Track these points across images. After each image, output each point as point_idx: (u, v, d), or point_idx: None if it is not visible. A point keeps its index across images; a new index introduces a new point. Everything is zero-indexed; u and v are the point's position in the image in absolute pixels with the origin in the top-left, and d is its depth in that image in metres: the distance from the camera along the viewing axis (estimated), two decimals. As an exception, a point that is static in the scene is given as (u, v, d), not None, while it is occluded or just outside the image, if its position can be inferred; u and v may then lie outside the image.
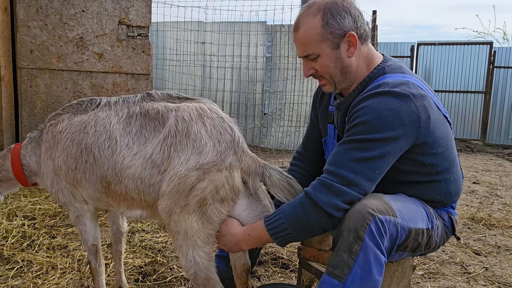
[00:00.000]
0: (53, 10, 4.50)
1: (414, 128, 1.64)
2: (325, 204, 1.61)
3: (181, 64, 8.74)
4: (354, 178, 1.60)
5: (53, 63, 4.56)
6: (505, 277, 2.94)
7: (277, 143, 8.40)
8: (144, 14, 4.54)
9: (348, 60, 1.76)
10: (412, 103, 1.63)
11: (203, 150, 1.75)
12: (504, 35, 14.50)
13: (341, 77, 1.78)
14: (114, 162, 1.88)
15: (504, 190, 5.73)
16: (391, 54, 10.94)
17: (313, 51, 1.74)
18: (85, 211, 2.10)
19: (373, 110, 1.62)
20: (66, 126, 2.02)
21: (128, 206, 1.96)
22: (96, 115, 1.99)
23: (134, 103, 1.96)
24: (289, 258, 3.04)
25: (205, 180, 1.72)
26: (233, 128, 1.83)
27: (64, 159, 2.00)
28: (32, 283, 2.56)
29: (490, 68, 10.28)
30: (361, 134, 1.62)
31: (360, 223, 1.55)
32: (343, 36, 1.72)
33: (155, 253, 3.04)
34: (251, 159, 1.80)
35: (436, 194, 1.82)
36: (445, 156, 1.78)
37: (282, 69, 8.27)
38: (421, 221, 1.75)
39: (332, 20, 1.70)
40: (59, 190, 2.07)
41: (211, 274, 1.81)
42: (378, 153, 1.61)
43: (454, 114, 10.66)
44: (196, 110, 1.84)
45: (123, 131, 1.91)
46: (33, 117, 4.72)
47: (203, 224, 1.76)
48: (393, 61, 1.83)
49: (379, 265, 1.57)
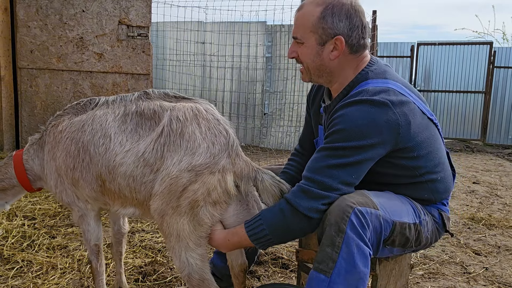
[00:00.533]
0: (53, 10, 4.49)
1: (392, 136, 1.65)
2: (305, 209, 1.64)
3: (181, 64, 8.74)
4: (331, 183, 1.63)
5: (53, 63, 4.56)
6: (505, 277, 2.94)
7: (277, 143, 8.40)
8: (144, 14, 4.54)
9: (328, 62, 1.78)
10: (390, 110, 1.64)
11: (196, 151, 1.73)
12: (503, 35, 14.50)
13: (318, 73, 1.82)
14: (107, 159, 1.88)
15: (504, 190, 5.73)
16: (391, 54, 10.93)
17: (301, 36, 1.77)
18: (89, 210, 2.10)
19: (350, 119, 1.64)
20: (66, 126, 2.03)
21: (122, 204, 1.97)
22: (94, 113, 1.99)
23: (131, 102, 1.95)
24: (289, 258, 3.04)
25: (197, 182, 1.71)
26: (228, 130, 1.82)
27: (64, 158, 2.01)
28: (32, 283, 2.56)
29: (490, 68, 10.28)
30: (337, 142, 1.65)
31: (340, 216, 1.57)
32: (332, 37, 1.74)
33: (155, 253, 3.04)
34: (244, 163, 1.78)
35: (423, 193, 1.84)
36: (429, 158, 1.79)
37: (282, 69, 8.27)
38: (407, 215, 1.76)
39: (329, 17, 1.72)
40: (62, 191, 2.08)
41: (206, 275, 1.80)
42: (354, 160, 1.63)
43: (454, 114, 10.67)
44: (192, 110, 1.82)
45: (118, 128, 1.90)
46: (33, 117, 4.72)
47: (195, 226, 1.75)
48: (378, 65, 1.83)
49: (363, 257, 1.58)
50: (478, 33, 14.56)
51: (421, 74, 10.90)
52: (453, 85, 10.69)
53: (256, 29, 8.36)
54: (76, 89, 4.74)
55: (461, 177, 6.35)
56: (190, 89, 8.69)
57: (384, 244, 1.71)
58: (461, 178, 6.27)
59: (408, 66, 10.82)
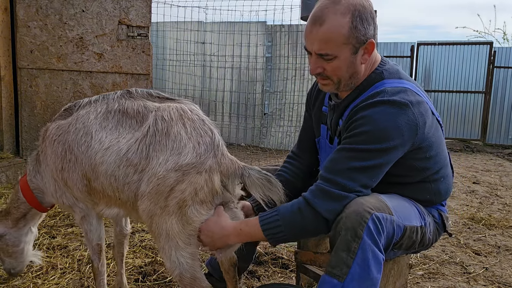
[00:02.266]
0: (53, 10, 4.49)
1: (411, 136, 1.65)
2: (324, 210, 1.62)
3: (181, 64, 8.74)
4: (353, 186, 1.62)
5: (53, 63, 4.56)
6: (505, 277, 2.94)
7: (277, 143, 8.40)
8: (144, 14, 4.54)
9: (360, 66, 1.74)
10: (410, 111, 1.63)
11: (182, 151, 1.73)
12: (504, 35, 14.50)
13: (349, 81, 1.76)
14: (89, 157, 1.88)
15: (504, 190, 5.73)
16: (391, 54, 10.93)
17: (332, 51, 1.67)
18: (91, 210, 2.10)
19: (374, 121, 1.63)
20: (54, 130, 2.04)
21: (106, 203, 1.96)
22: (78, 113, 2.00)
23: (113, 100, 1.95)
24: (289, 258, 3.03)
25: (184, 182, 1.71)
26: (213, 130, 1.82)
27: (53, 160, 2.02)
28: (32, 283, 2.56)
29: (490, 68, 10.28)
30: (360, 144, 1.63)
31: (357, 221, 1.55)
32: (364, 43, 1.69)
33: (155, 253, 3.04)
34: (230, 161, 1.78)
35: (426, 194, 1.84)
36: (437, 160, 1.80)
37: (282, 69, 8.27)
38: (415, 218, 1.77)
39: (361, 25, 1.65)
40: (62, 195, 2.08)
41: (197, 273, 1.80)
42: (375, 163, 1.62)
43: (454, 114, 10.67)
44: (177, 110, 1.83)
45: (98, 126, 1.90)
46: (33, 117, 4.72)
47: (183, 225, 1.75)
48: (390, 65, 1.82)
49: (378, 263, 1.57)
50: (478, 32, 14.57)
51: (421, 74, 10.90)
52: (453, 85, 10.69)
53: (256, 29, 8.36)
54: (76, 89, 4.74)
55: (461, 177, 6.35)
56: (190, 89, 8.69)
57: (392, 248, 1.71)
58: (461, 178, 6.27)
59: (408, 66, 10.82)
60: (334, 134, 1.90)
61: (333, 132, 1.91)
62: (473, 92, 10.49)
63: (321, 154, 2.06)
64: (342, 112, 1.84)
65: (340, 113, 1.84)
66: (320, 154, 2.08)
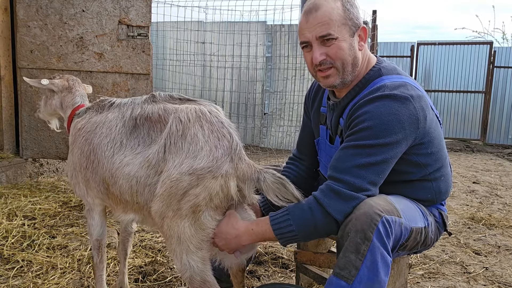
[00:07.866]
0: (53, 10, 4.49)
1: (413, 130, 1.66)
2: (335, 211, 1.61)
3: (181, 64, 8.74)
4: (361, 184, 1.61)
5: (53, 63, 4.55)
6: (505, 277, 2.94)
7: (277, 143, 8.40)
8: (144, 14, 4.54)
9: (358, 52, 1.77)
10: (411, 105, 1.64)
11: (198, 154, 1.69)
12: (503, 35, 14.50)
13: (351, 68, 1.76)
14: (112, 163, 1.90)
15: (504, 190, 5.73)
16: (391, 54, 10.94)
17: (334, 31, 1.69)
18: (96, 205, 2.15)
19: (375, 115, 1.63)
20: (84, 125, 2.08)
21: (123, 209, 1.97)
22: (106, 116, 2.03)
23: (138, 105, 1.96)
24: (289, 258, 3.03)
25: (199, 186, 1.68)
26: (232, 133, 1.78)
27: (79, 156, 2.07)
28: (32, 283, 2.56)
29: (490, 68, 10.28)
30: (364, 140, 1.63)
31: (367, 223, 1.54)
32: (358, 27, 1.74)
33: (155, 253, 3.04)
34: (247, 166, 1.75)
35: (427, 193, 1.84)
36: (437, 157, 1.80)
37: (282, 69, 8.28)
38: (420, 220, 1.77)
39: (352, 8, 1.72)
40: (76, 184, 2.14)
41: (207, 277, 1.78)
42: (381, 158, 1.62)
43: (454, 114, 10.67)
44: (195, 112, 1.79)
45: (123, 133, 1.92)
46: (33, 117, 4.71)
47: (196, 230, 1.72)
48: (386, 63, 1.84)
49: (386, 266, 1.57)
50: (478, 32, 14.58)
51: (421, 74, 10.90)
52: (453, 85, 10.69)
53: (256, 29, 8.36)
54: (76, 89, 4.73)
55: (461, 177, 6.35)
56: (190, 89, 8.69)
57: (398, 249, 1.71)
58: (461, 178, 6.27)
59: (408, 66, 10.82)
60: (335, 133, 1.90)
61: (334, 131, 1.91)
62: (473, 92, 10.49)
63: (321, 155, 2.06)
64: (342, 111, 1.83)
65: (340, 112, 1.84)
66: (320, 155, 2.08)
